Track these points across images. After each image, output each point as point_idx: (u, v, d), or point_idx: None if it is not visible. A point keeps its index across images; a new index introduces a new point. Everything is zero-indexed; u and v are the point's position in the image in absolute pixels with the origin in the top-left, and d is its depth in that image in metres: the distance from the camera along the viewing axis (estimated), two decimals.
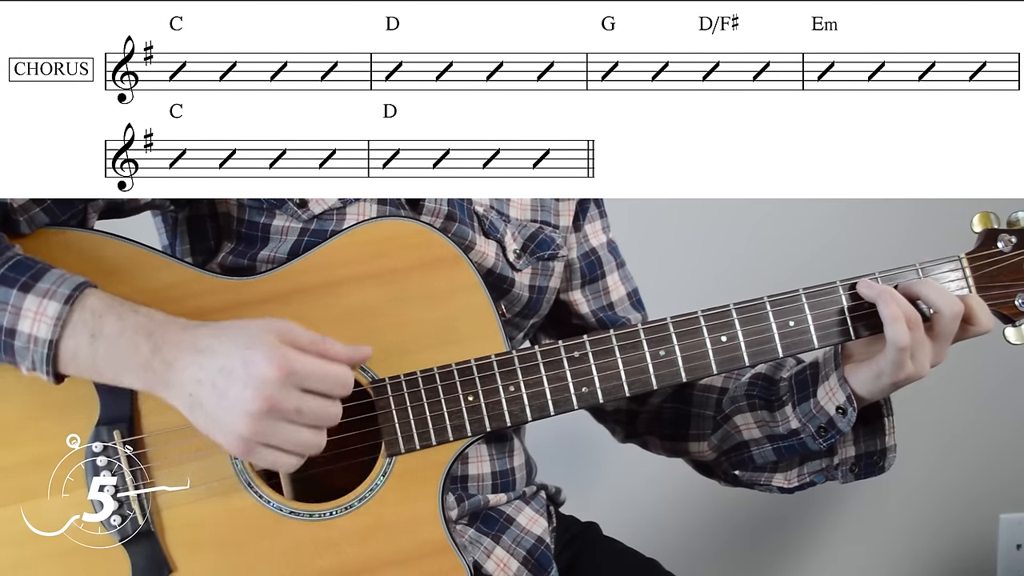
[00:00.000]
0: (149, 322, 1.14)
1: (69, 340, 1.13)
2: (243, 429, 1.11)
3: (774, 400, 1.40)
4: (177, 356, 1.13)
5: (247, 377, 1.10)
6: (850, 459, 1.40)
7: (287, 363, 1.11)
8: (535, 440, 1.55)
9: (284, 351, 1.11)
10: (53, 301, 1.13)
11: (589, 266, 1.54)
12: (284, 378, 1.10)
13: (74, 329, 1.13)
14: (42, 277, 1.14)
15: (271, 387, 1.10)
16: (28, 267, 1.15)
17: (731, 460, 1.47)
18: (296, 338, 1.13)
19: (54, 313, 1.13)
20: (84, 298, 1.14)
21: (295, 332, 1.14)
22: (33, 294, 1.13)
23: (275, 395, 1.10)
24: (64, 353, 1.13)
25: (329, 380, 1.13)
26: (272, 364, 1.10)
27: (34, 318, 1.13)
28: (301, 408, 1.12)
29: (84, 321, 1.13)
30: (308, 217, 1.32)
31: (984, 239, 1.35)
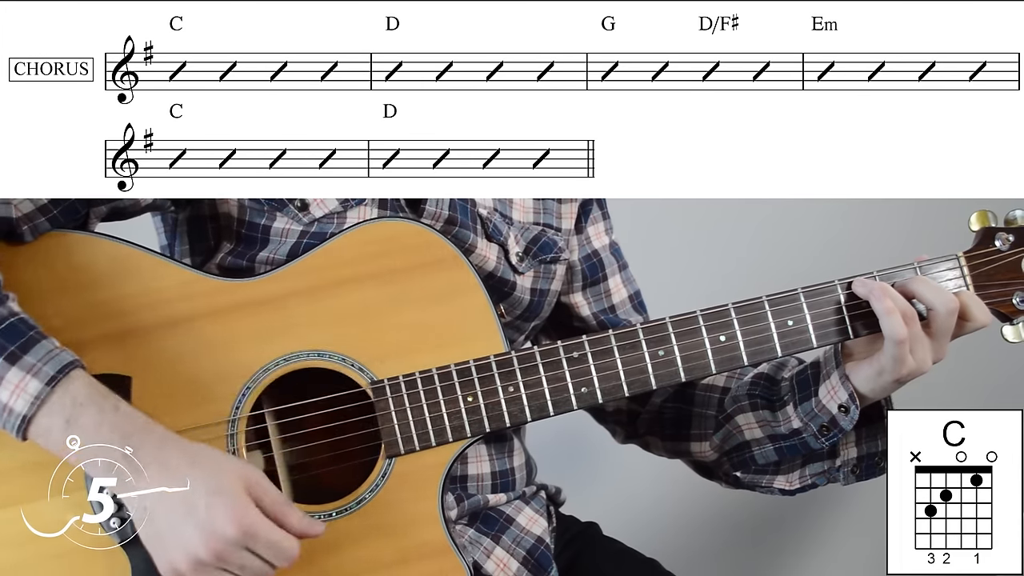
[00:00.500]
0: (127, 424, 1.15)
1: (43, 419, 1.14)
2: (182, 566, 1.13)
3: (776, 400, 1.40)
4: (147, 465, 1.13)
5: (205, 522, 1.12)
6: (852, 460, 1.40)
7: (248, 525, 1.12)
8: (535, 440, 1.55)
9: (247, 511, 1.13)
10: (36, 379, 1.13)
11: (591, 268, 1.54)
12: (239, 539, 1.12)
13: (50, 410, 1.14)
14: (31, 349, 1.14)
15: (223, 543, 1.12)
16: (19, 334, 1.15)
17: (733, 461, 1.47)
18: (262, 496, 1.15)
19: (34, 391, 1.13)
20: (68, 382, 1.14)
21: (262, 489, 1.15)
22: (17, 367, 1.14)
23: (225, 551, 1.12)
24: (36, 428, 1.14)
25: (278, 551, 1.15)
26: (232, 523, 1.12)
27: (13, 391, 1.13)
28: (244, 566, 1.14)
29: (63, 406, 1.14)
30: (309, 220, 1.32)
31: (982, 238, 1.35)
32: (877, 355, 1.29)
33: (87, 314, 1.24)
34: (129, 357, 1.24)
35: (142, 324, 1.23)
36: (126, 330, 1.24)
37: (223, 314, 1.24)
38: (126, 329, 1.24)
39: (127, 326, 1.24)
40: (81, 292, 1.22)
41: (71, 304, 1.24)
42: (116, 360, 1.23)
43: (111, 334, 1.24)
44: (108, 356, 1.23)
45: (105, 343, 1.24)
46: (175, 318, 1.24)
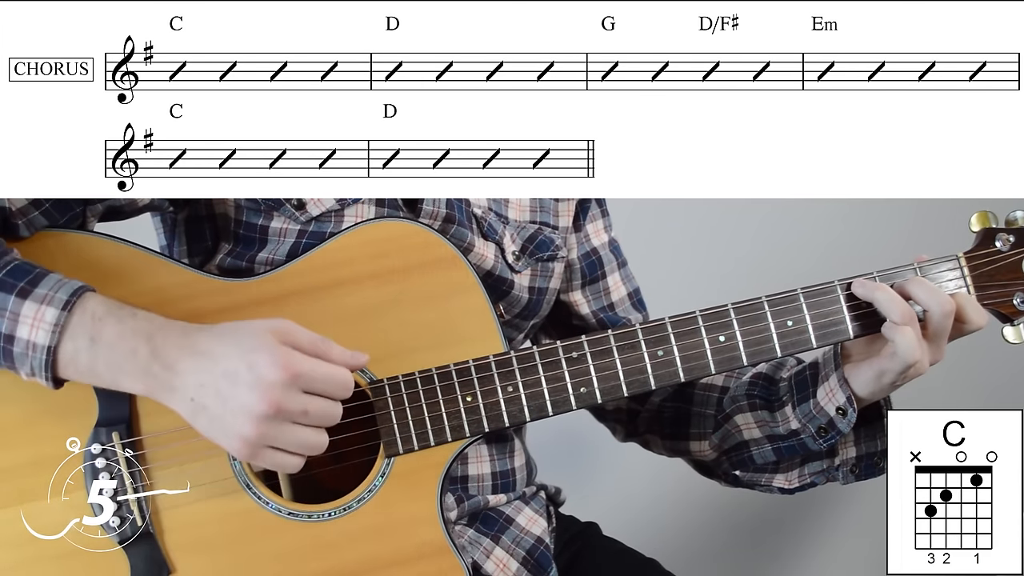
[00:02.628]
0: (149, 325, 1.15)
1: (68, 344, 1.13)
2: (249, 432, 1.11)
3: (774, 400, 1.40)
4: (178, 359, 1.13)
5: (252, 380, 1.10)
6: (851, 460, 1.40)
7: (292, 366, 1.11)
8: (535, 440, 1.55)
9: (288, 353, 1.12)
10: (51, 307, 1.13)
11: (590, 266, 1.54)
12: (289, 381, 1.11)
13: (73, 333, 1.13)
14: (40, 282, 1.14)
15: (277, 390, 1.11)
16: (26, 272, 1.15)
17: (731, 460, 1.47)
18: (296, 339, 1.14)
19: (52, 319, 1.13)
20: (83, 302, 1.14)
21: (295, 333, 1.14)
22: (31, 300, 1.13)
23: (281, 398, 1.11)
24: (63, 357, 1.13)
25: (332, 382, 1.14)
26: (277, 367, 1.11)
27: (32, 324, 1.13)
28: (307, 409, 1.13)
29: (83, 325, 1.13)
30: (306, 219, 1.32)
31: (982, 238, 1.35)
32: (878, 357, 1.29)
33: None
34: None
35: None
36: None
37: (223, 314, 1.24)
38: None
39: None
40: None
41: None
42: None
43: None
44: None
45: None
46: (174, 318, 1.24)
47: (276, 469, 1.16)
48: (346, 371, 1.15)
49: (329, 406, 1.14)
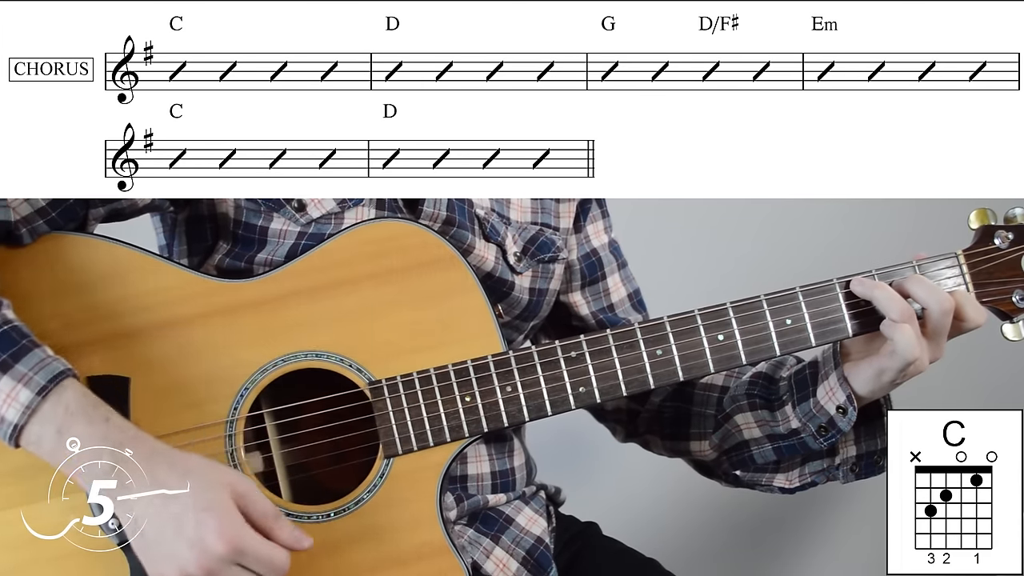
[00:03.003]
0: (119, 435, 1.15)
1: (35, 427, 1.14)
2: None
3: (774, 399, 1.40)
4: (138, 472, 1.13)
5: (194, 540, 1.11)
6: (851, 459, 1.40)
7: (236, 541, 1.12)
8: (535, 440, 1.55)
9: (237, 527, 1.12)
10: (26, 389, 1.13)
11: (590, 267, 1.54)
12: (229, 556, 1.12)
13: (42, 419, 1.14)
14: (22, 358, 1.14)
15: (213, 560, 1.12)
16: (12, 343, 1.15)
17: (732, 460, 1.47)
18: (251, 507, 1.14)
19: (25, 400, 1.13)
20: (59, 391, 1.14)
21: (252, 500, 1.15)
22: (8, 376, 1.14)
23: (214, 568, 1.12)
24: (27, 437, 1.14)
25: (268, 566, 1.14)
26: (222, 540, 1.11)
27: (5, 399, 1.13)
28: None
29: (54, 415, 1.14)
30: (306, 221, 1.32)
31: (981, 236, 1.35)
32: (878, 355, 1.29)
33: (85, 316, 1.24)
34: (127, 358, 1.24)
35: (141, 325, 1.23)
36: (124, 331, 1.24)
37: (222, 315, 1.24)
38: (124, 330, 1.24)
39: (126, 327, 1.24)
40: (80, 294, 1.22)
41: (70, 305, 1.24)
42: (115, 361, 1.24)
43: (109, 335, 1.24)
44: (107, 357, 1.23)
45: (104, 344, 1.24)
46: (174, 319, 1.25)
47: None
48: (285, 555, 1.15)
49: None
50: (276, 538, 1.15)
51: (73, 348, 1.18)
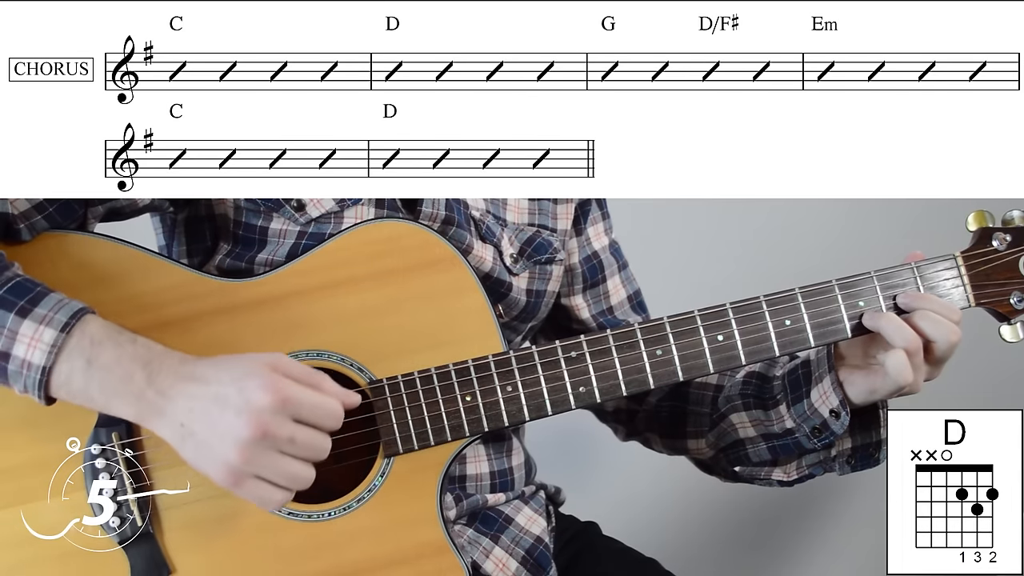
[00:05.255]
0: (147, 352, 1.15)
1: (63, 365, 1.13)
2: (234, 458, 1.10)
3: (768, 399, 1.40)
4: (171, 384, 1.13)
5: (241, 403, 1.10)
6: (846, 451, 1.40)
7: (281, 390, 1.11)
8: (535, 440, 1.55)
9: (279, 379, 1.12)
10: (49, 328, 1.13)
11: (591, 270, 1.54)
12: (279, 406, 1.10)
13: (69, 355, 1.13)
14: (40, 302, 1.14)
15: (265, 414, 1.10)
16: (27, 290, 1.15)
17: (729, 457, 1.47)
18: (289, 369, 1.14)
19: (49, 340, 1.13)
20: (82, 325, 1.14)
21: (288, 364, 1.14)
22: (30, 319, 1.13)
23: (269, 422, 1.10)
24: (57, 378, 1.14)
25: (322, 411, 1.13)
26: (267, 391, 1.10)
27: (29, 343, 1.13)
28: (294, 437, 1.12)
29: (81, 348, 1.13)
30: (306, 220, 1.32)
31: (979, 237, 1.35)
32: (871, 374, 1.30)
33: None
34: None
35: (141, 325, 1.22)
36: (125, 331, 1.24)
37: (222, 315, 1.24)
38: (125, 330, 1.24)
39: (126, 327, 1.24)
40: (80, 293, 1.22)
41: None
42: None
43: None
44: None
45: None
46: (174, 319, 1.24)
47: (259, 503, 1.14)
48: (337, 402, 1.14)
49: (317, 436, 1.13)
50: (323, 389, 1.14)
51: None
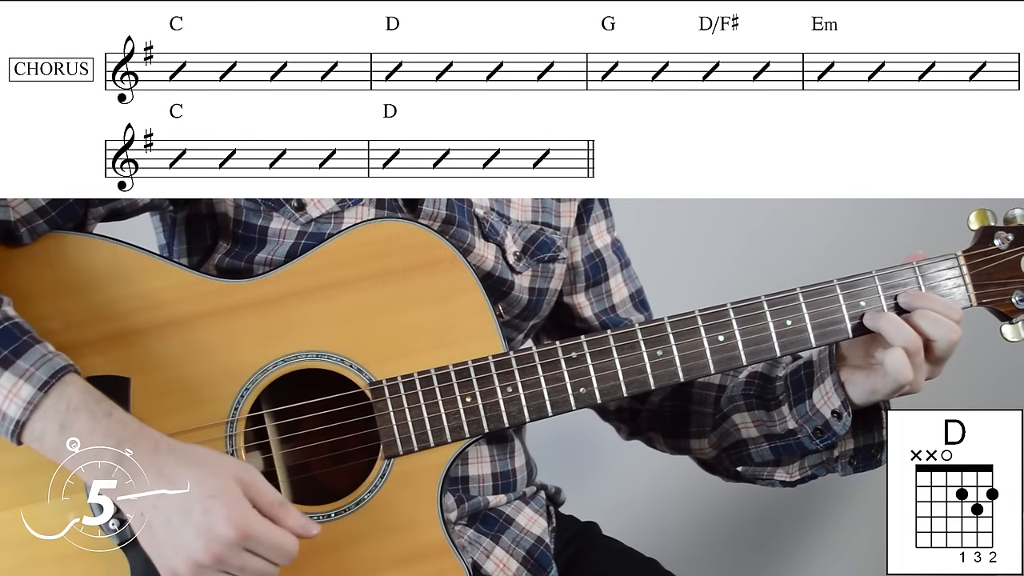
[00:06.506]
0: (122, 431, 1.15)
1: (37, 423, 1.14)
2: (182, 571, 1.12)
3: (770, 399, 1.40)
4: (139, 473, 1.13)
5: (203, 527, 1.11)
6: (849, 452, 1.40)
7: (245, 527, 1.12)
8: (535, 440, 1.55)
9: (244, 512, 1.12)
10: (28, 384, 1.13)
11: (593, 269, 1.54)
12: (237, 541, 1.12)
13: (44, 415, 1.14)
14: (24, 354, 1.14)
15: (222, 546, 1.11)
16: (13, 339, 1.15)
17: (731, 457, 1.47)
18: (258, 495, 1.14)
19: (27, 396, 1.13)
20: (61, 387, 1.14)
21: (258, 488, 1.15)
22: (10, 372, 1.13)
23: (223, 553, 1.12)
24: (29, 433, 1.14)
25: (278, 550, 1.14)
26: (230, 525, 1.11)
27: (7, 395, 1.13)
28: (244, 567, 1.13)
29: (57, 410, 1.14)
30: (306, 220, 1.32)
31: (981, 236, 1.35)
32: (871, 374, 1.30)
33: (86, 316, 1.24)
34: (128, 358, 1.24)
35: (141, 325, 1.23)
36: (125, 331, 1.24)
37: (222, 315, 1.24)
38: (125, 330, 1.24)
39: (126, 327, 1.24)
40: (80, 294, 1.22)
41: (70, 305, 1.24)
42: (115, 361, 1.24)
43: (110, 335, 1.24)
44: (107, 357, 1.23)
45: (104, 344, 1.24)
46: (174, 319, 1.24)
47: None
48: (294, 541, 1.15)
49: (268, 570, 1.15)
50: (284, 525, 1.15)
51: (74, 348, 1.18)
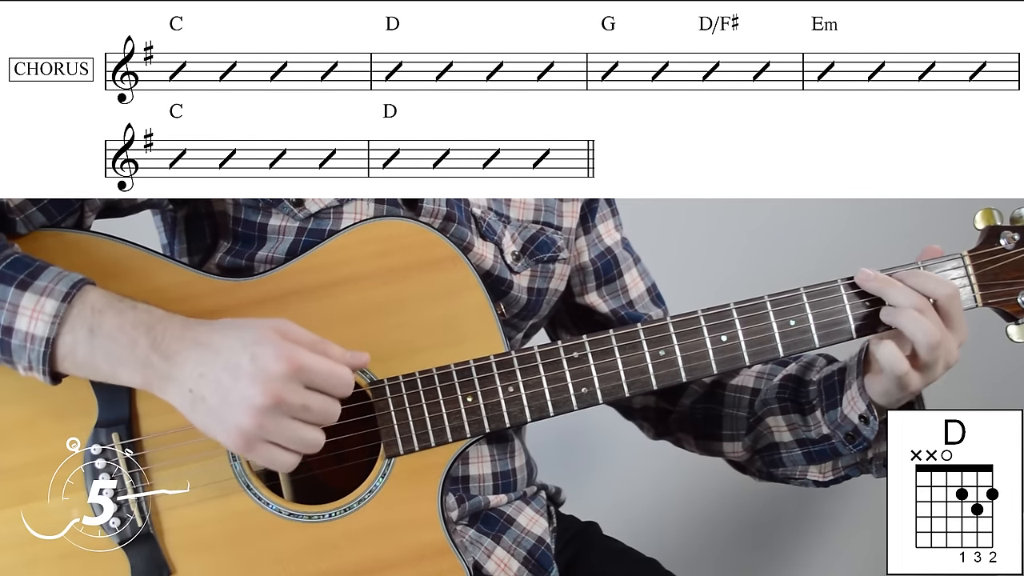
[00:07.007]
0: (149, 317, 1.15)
1: (67, 336, 1.13)
2: (247, 424, 1.11)
3: (804, 404, 1.41)
4: (178, 351, 1.13)
5: (255, 372, 1.10)
6: (883, 454, 1.40)
7: (295, 359, 1.11)
8: (535, 440, 1.55)
9: (292, 347, 1.12)
10: (51, 299, 1.13)
11: (605, 266, 1.54)
12: (292, 375, 1.11)
13: (72, 325, 1.13)
14: (40, 275, 1.15)
15: (279, 383, 1.11)
16: (26, 264, 1.15)
17: (764, 459, 1.47)
18: (298, 336, 1.14)
19: (52, 310, 1.13)
20: (83, 294, 1.14)
21: (297, 331, 1.15)
22: (31, 292, 1.13)
23: (283, 391, 1.11)
24: (61, 349, 1.14)
25: (333, 379, 1.14)
26: (281, 360, 1.11)
27: (31, 316, 1.13)
28: (307, 404, 1.13)
29: (83, 317, 1.14)
30: (305, 216, 1.32)
31: (987, 236, 1.35)
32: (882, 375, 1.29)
33: None
34: None
35: None
36: None
37: (223, 314, 1.24)
38: None
39: None
40: None
41: None
42: None
43: None
44: None
45: None
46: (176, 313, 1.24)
47: (270, 466, 1.15)
48: (347, 369, 1.15)
49: (329, 403, 1.14)
50: (332, 356, 1.15)
51: None
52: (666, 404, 1.55)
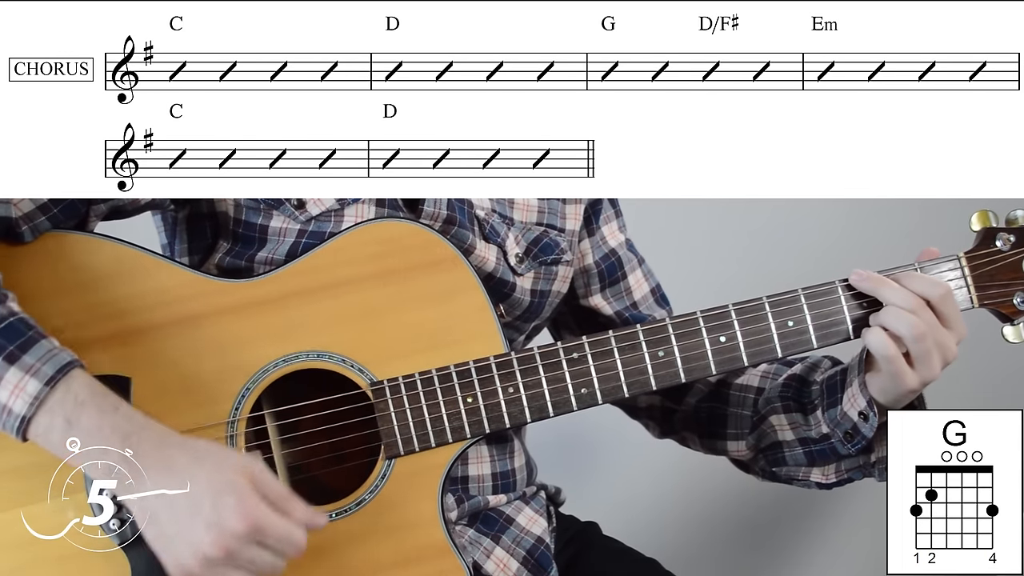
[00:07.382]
0: (128, 425, 1.14)
1: (43, 418, 1.13)
2: (193, 566, 1.12)
3: (807, 403, 1.41)
4: (148, 467, 1.13)
5: (213, 521, 1.11)
6: (885, 458, 1.40)
7: (255, 520, 1.11)
8: (535, 440, 1.55)
9: (255, 505, 1.12)
10: (35, 379, 1.13)
11: (609, 268, 1.54)
12: (249, 534, 1.11)
13: (50, 409, 1.13)
14: (30, 349, 1.14)
15: (232, 540, 1.11)
16: (19, 334, 1.15)
17: (767, 458, 1.47)
18: (265, 488, 1.14)
19: (33, 391, 1.13)
20: (67, 381, 1.14)
21: (265, 481, 1.14)
22: (16, 367, 1.13)
23: (234, 547, 1.11)
24: (35, 428, 1.14)
25: (287, 543, 1.14)
26: (241, 518, 1.11)
27: (12, 391, 1.13)
28: (254, 561, 1.13)
29: (63, 405, 1.13)
30: (306, 218, 1.32)
31: (983, 238, 1.35)
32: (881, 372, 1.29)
33: (87, 315, 1.24)
34: (129, 358, 1.24)
35: (142, 325, 1.23)
36: (126, 331, 1.24)
37: (223, 315, 1.24)
38: (126, 330, 1.24)
39: (127, 327, 1.24)
40: (81, 293, 1.22)
41: (71, 305, 1.24)
42: (116, 361, 1.23)
43: (111, 335, 1.24)
44: (108, 357, 1.23)
45: (105, 344, 1.24)
46: (175, 319, 1.24)
47: None
48: (303, 533, 1.15)
49: (277, 563, 1.15)
50: (292, 517, 1.15)
51: (75, 347, 1.18)
52: (671, 403, 1.55)
